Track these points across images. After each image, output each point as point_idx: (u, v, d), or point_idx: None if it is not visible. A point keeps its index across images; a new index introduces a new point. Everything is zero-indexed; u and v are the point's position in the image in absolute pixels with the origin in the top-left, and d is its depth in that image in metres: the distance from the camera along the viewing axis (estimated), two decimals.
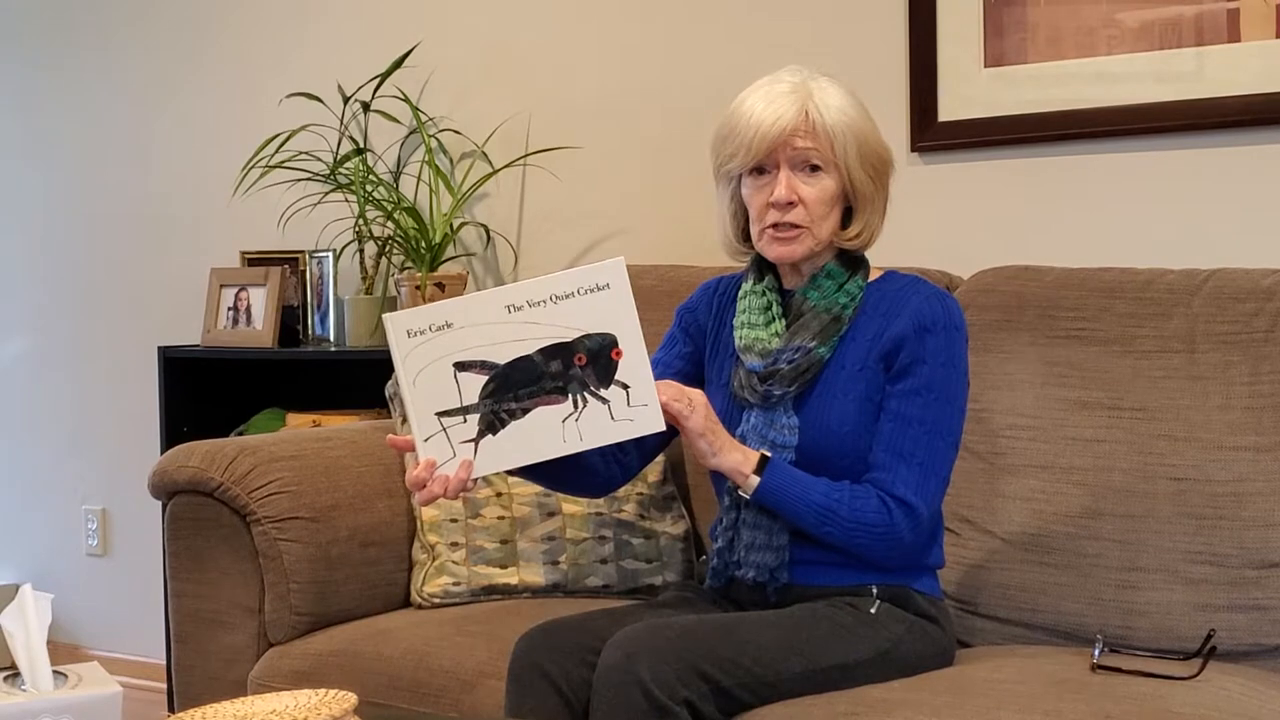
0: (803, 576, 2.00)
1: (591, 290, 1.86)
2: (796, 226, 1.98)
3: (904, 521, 1.93)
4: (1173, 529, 2.11)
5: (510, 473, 1.99)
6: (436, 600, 2.44)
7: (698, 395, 1.93)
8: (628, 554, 2.47)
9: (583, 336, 1.86)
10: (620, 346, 1.86)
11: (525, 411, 1.87)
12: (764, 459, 1.94)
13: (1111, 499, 2.16)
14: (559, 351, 1.86)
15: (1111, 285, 2.31)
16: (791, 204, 1.97)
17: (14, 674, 1.89)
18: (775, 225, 1.99)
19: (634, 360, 1.86)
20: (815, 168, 1.97)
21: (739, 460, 1.94)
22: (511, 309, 1.86)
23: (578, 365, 1.86)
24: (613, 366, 1.86)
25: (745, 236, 2.08)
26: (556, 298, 1.86)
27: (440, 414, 1.88)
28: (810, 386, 2.00)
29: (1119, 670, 1.90)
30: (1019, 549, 2.22)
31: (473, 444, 1.88)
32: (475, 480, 1.90)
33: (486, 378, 1.86)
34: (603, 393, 1.87)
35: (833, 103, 1.97)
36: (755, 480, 1.93)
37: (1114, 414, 2.20)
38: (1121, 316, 2.26)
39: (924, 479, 1.94)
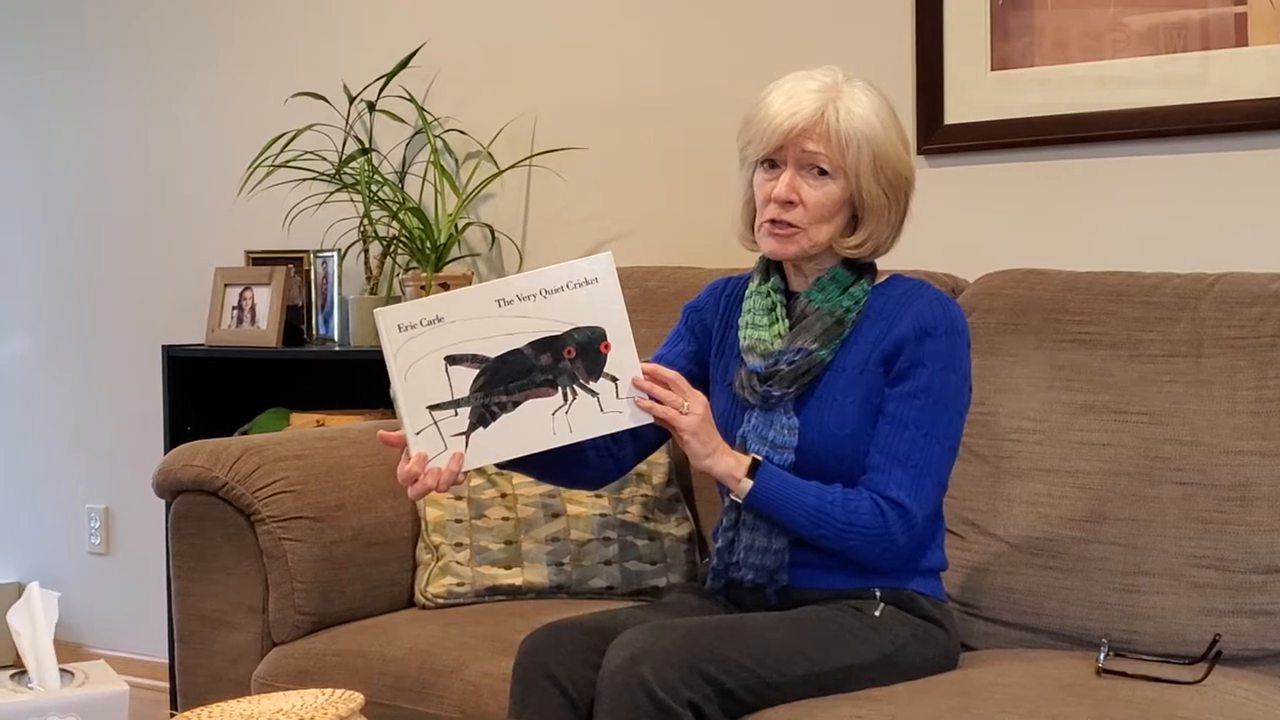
0: (805, 579, 1.99)
1: (580, 284, 1.88)
2: (793, 226, 1.98)
3: (897, 523, 1.92)
4: (1178, 533, 2.11)
5: (501, 465, 2.00)
6: (440, 601, 2.44)
7: (697, 397, 1.93)
8: (632, 555, 2.47)
9: (572, 330, 1.88)
10: (609, 340, 1.89)
11: (516, 404, 1.89)
12: (755, 463, 1.94)
13: (1117, 503, 2.16)
14: (549, 345, 1.88)
15: (1118, 289, 2.31)
16: (791, 203, 1.97)
17: (21, 672, 1.90)
18: (774, 220, 1.99)
19: (623, 354, 1.89)
20: (822, 172, 1.96)
21: (731, 465, 1.94)
22: (502, 303, 1.88)
23: (567, 358, 1.88)
24: (602, 359, 1.89)
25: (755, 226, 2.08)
26: (546, 292, 1.88)
27: (431, 407, 1.89)
28: (811, 389, 1.99)
29: (1124, 674, 1.90)
30: (1024, 552, 2.22)
31: (464, 437, 1.90)
32: (465, 473, 1.91)
33: (477, 371, 1.88)
34: (592, 385, 1.89)
35: (856, 110, 1.95)
36: (748, 484, 1.93)
37: (1120, 418, 2.20)
38: (1128, 320, 2.26)
39: (918, 481, 1.94)
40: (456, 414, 1.89)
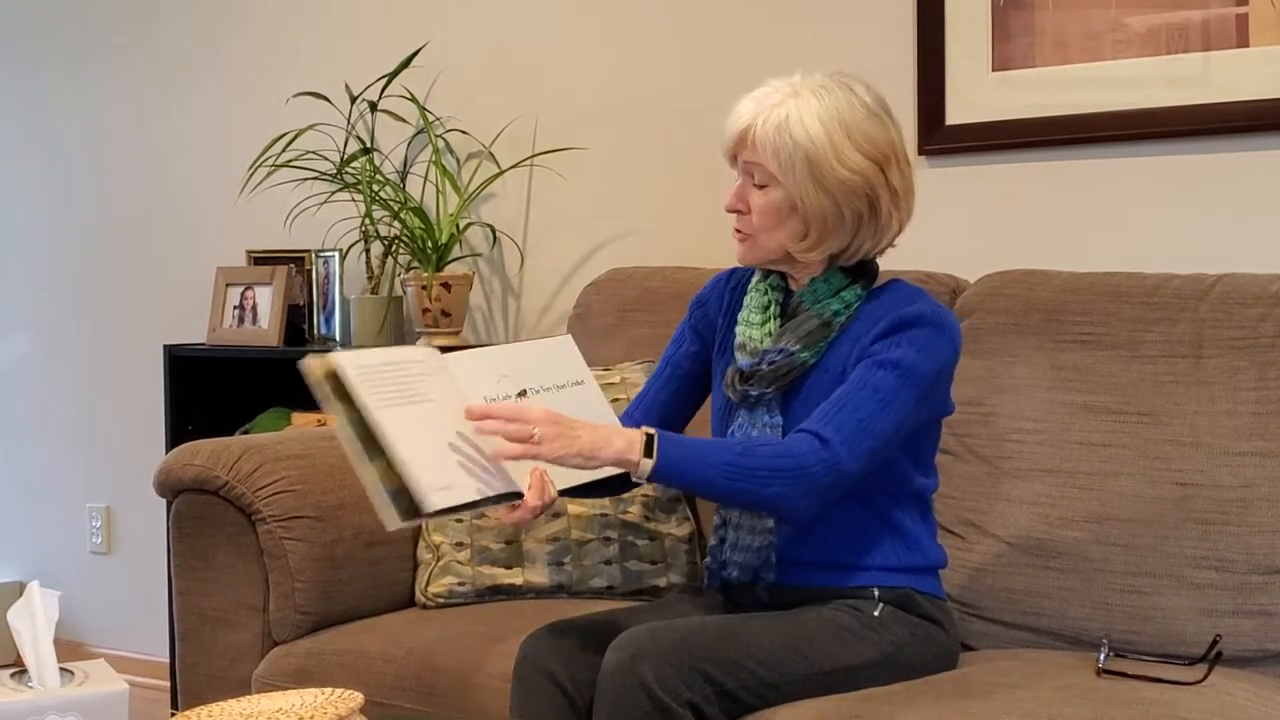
0: (803, 579, 1.99)
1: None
2: (744, 232, 1.99)
3: (815, 454, 1.82)
4: (1179, 534, 2.11)
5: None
6: (441, 600, 2.44)
7: (532, 415, 1.79)
8: (632, 555, 2.47)
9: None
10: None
11: None
12: (649, 438, 1.83)
13: (1117, 504, 2.16)
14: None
15: (1118, 289, 2.31)
16: (739, 211, 1.99)
17: (21, 671, 1.90)
18: (735, 226, 2.01)
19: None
20: (760, 180, 1.96)
21: (621, 448, 1.80)
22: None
23: None
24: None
25: None
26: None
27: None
28: (796, 390, 1.98)
29: (1124, 675, 1.90)
30: (1024, 553, 2.22)
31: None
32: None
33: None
34: None
35: (795, 117, 1.91)
36: (648, 464, 1.82)
37: (1120, 418, 2.20)
38: (1128, 321, 2.26)
39: (858, 434, 1.84)
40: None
